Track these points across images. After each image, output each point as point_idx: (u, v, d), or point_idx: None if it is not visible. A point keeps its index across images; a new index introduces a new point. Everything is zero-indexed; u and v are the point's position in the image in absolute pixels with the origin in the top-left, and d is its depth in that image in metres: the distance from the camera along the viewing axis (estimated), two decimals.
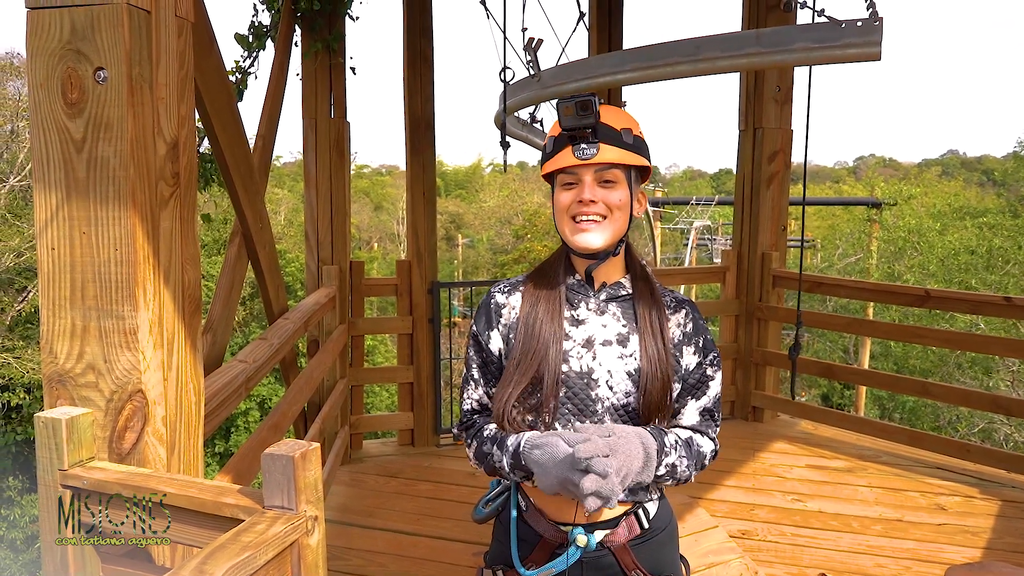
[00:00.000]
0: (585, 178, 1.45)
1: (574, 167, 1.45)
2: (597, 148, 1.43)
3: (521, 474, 1.45)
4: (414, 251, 4.73)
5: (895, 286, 7.99)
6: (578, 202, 1.45)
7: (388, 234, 40.96)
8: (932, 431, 11.03)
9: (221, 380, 2.31)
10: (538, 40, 3.86)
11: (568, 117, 1.43)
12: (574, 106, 1.42)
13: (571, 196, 1.47)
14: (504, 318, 1.56)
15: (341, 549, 3.46)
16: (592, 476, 1.26)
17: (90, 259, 1.56)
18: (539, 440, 1.38)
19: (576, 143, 1.45)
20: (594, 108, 1.42)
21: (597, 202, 1.45)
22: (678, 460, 1.45)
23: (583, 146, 1.44)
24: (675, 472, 1.45)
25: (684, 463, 1.46)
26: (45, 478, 1.53)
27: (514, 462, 1.44)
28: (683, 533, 3.47)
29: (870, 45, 2.67)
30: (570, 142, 1.45)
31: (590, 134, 1.44)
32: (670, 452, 1.43)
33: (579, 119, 1.42)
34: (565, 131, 1.45)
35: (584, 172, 1.45)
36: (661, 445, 1.41)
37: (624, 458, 1.31)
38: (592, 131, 1.44)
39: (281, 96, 3.86)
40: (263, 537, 1.25)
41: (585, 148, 1.44)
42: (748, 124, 5.11)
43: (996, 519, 3.74)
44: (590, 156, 1.43)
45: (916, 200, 22.68)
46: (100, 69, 1.51)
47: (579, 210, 1.46)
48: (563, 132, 1.46)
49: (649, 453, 1.36)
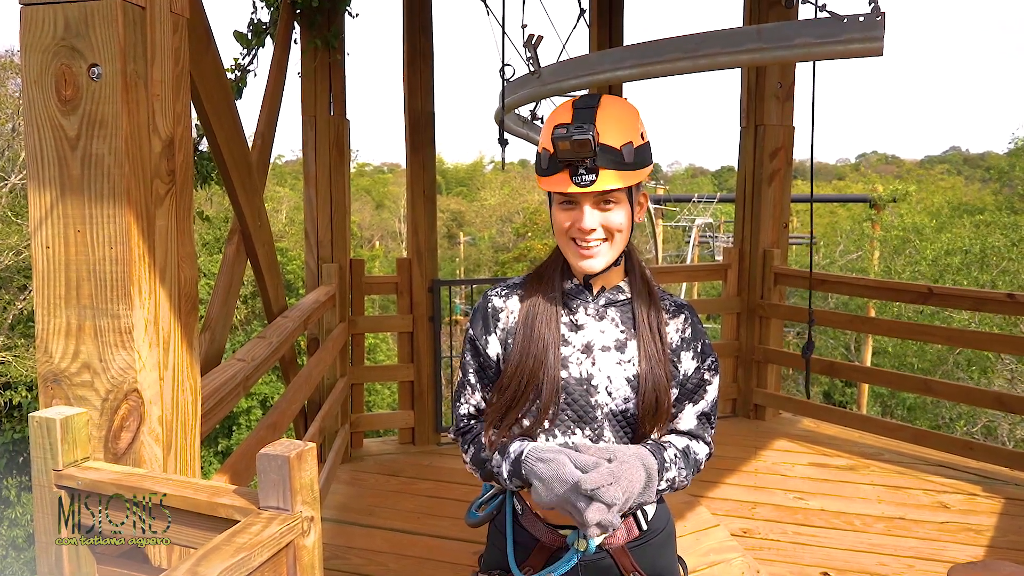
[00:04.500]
0: (584, 204, 1.40)
1: (573, 194, 1.40)
2: (596, 174, 1.36)
3: (518, 482, 1.42)
4: (414, 249, 4.72)
5: (898, 283, 7.98)
6: (578, 228, 1.41)
7: (390, 232, 40.97)
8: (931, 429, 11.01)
9: (219, 379, 2.30)
10: (538, 37, 3.84)
11: (565, 152, 1.35)
12: (571, 143, 1.33)
13: (570, 219, 1.42)
14: (502, 322, 1.53)
15: (341, 548, 3.45)
16: (597, 506, 1.25)
17: (85, 258, 1.55)
18: (544, 455, 1.35)
19: (574, 168, 1.37)
20: (592, 146, 1.33)
21: (597, 228, 1.41)
22: (677, 472, 1.44)
23: (582, 172, 1.36)
24: (673, 484, 1.44)
25: (683, 474, 1.45)
26: (40, 478, 1.52)
27: (513, 470, 1.41)
28: (684, 532, 3.48)
29: (872, 40, 2.64)
30: (567, 167, 1.37)
31: (589, 160, 1.36)
32: (670, 467, 1.42)
33: (577, 154, 1.35)
34: (561, 161, 1.37)
35: (584, 198, 1.40)
36: (662, 462, 1.39)
37: (627, 484, 1.29)
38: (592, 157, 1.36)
39: (280, 94, 3.84)
40: (258, 538, 1.24)
41: (584, 175, 1.36)
42: (750, 121, 5.08)
43: (999, 517, 3.72)
44: (590, 183, 1.36)
45: (914, 197, 22.65)
46: (94, 66, 1.50)
47: (579, 236, 1.41)
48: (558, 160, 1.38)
49: (651, 475, 1.34)
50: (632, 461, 1.32)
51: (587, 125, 1.34)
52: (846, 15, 2.67)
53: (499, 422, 1.46)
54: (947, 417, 15.66)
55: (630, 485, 1.29)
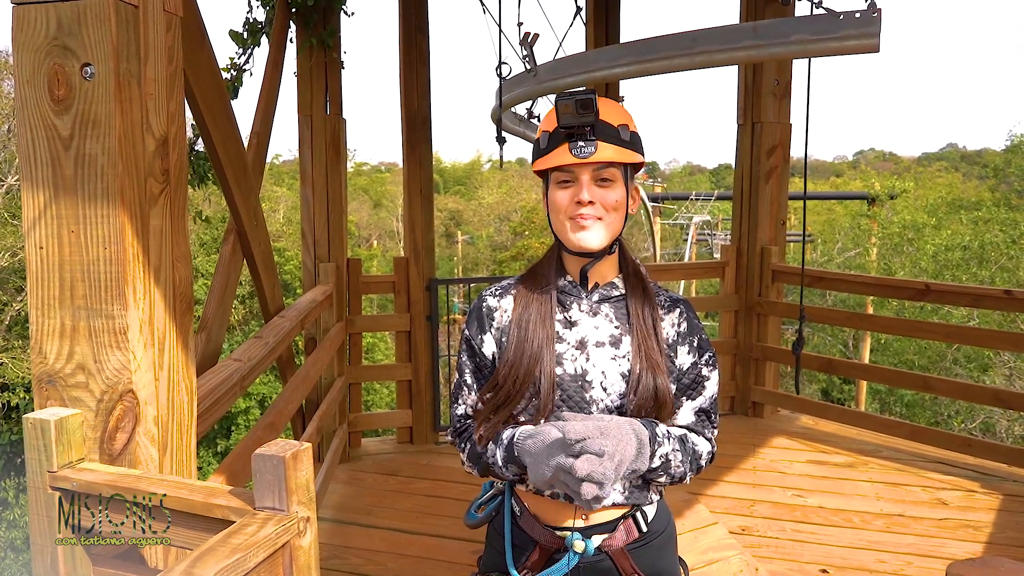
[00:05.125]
0: (582, 177, 1.42)
1: (571, 166, 1.42)
2: (595, 146, 1.39)
3: (515, 469, 1.43)
4: (411, 248, 4.71)
5: (895, 280, 7.98)
6: (575, 203, 1.42)
7: (388, 231, 40.91)
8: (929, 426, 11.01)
9: (215, 379, 2.29)
10: (534, 35, 3.84)
11: (567, 115, 1.39)
12: (573, 104, 1.37)
13: (568, 196, 1.44)
14: (496, 321, 1.53)
15: (340, 548, 3.45)
16: (586, 457, 1.24)
17: (79, 258, 1.54)
18: (531, 430, 1.37)
19: (573, 140, 1.40)
20: (594, 107, 1.38)
21: (595, 202, 1.42)
22: (672, 453, 1.42)
23: (581, 144, 1.39)
24: (669, 466, 1.42)
25: (678, 457, 1.43)
26: (34, 480, 1.51)
27: (507, 455, 1.42)
28: (683, 530, 3.47)
29: (868, 37, 2.64)
30: (567, 139, 1.41)
31: (588, 131, 1.39)
32: (663, 442, 1.40)
33: (579, 117, 1.38)
34: (562, 129, 1.41)
35: (581, 171, 1.41)
36: (652, 434, 1.39)
37: (616, 442, 1.28)
38: (590, 128, 1.40)
39: (276, 93, 3.83)
40: (253, 539, 1.23)
41: (583, 146, 1.39)
42: (746, 119, 5.08)
43: (997, 513, 3.72)
44: (588, 155, 1.39)
45: (911, 194, 22.65)
46: (87, 65, 1.49)
47: (576, 211, 1.42)
48: (559, 128, 1.42)
49: (641, 440, 1.34)
50: (620, 423, 1.33)
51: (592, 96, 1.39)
52: (842, 12, 2.67)
53: (491, 417, 1.46)
54: (945, 414, 15.68)
55: (621, 445, 1.28)
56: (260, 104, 3.73)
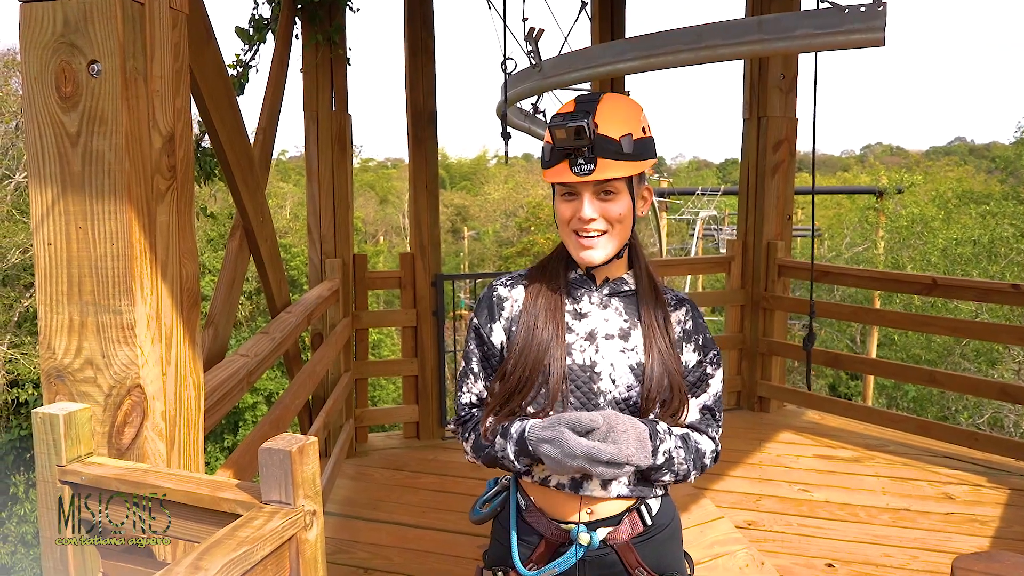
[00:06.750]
0: (584, 193, 1.42)
1: (572, 183, 1.42)
2: (595, 164, 1.38)
3: (527, 461, 1.44)
4: (417, 244, 4.72)
5: (902, 274, 7.96)
6: (578, 218, 1.43)
7: (394, 227, 40.96)
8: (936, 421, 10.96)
9: (222, 374, 2.30)
10: (539, 30, 3.83)
11: (562, 140, 1.38)
12: (566, 130, 1.37)
13: (571, 210, 1.44)
14: (506, 311, 1.54)
15: (346, 542, 3.47)
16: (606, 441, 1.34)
17: (87, 254, 1.55)
18: (544, 433, 1.37)
19: (573, 158, 1.40)
20: (588, 132, 1.36)
21: (597, 218, 1.42)
22: (675, 451, 1.44)
23: (580, 162, 1.39)
24: (672, 463, 1.44)
25: (681, 455, 1.45)
26: (43, 474, 1.52)
27: (519, 449, 1.43)
28: (689, 524, 3.48)
29: (874, 31, 2.62)
30: (566, 156, 1.40)
31: (587, 150, 1.38)
32: (664, 438, 1.42)
33: (574, 142, 1.37)
34: (560, 151, 1.40)
35: (583, 187, 1.42)
36: (653, 430, 1.41)
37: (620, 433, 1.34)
38: (589, 147, 1.38)
39: (282, 89, 3.84)
40: (260, 532, 1.24)
41: (583, 164, 1.39)
42: (752, 113, 5.07)
43: (1004, 508, 3.71)
44: (588, 172, 1.38)
45: (920, 188, 22.51)
46: (94, 62, 1.50)
47: (579, 226, 1.43)
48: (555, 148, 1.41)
49: (640, 433, 1.37)
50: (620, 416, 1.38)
51: (584, 115, 1.37)
52: (847, 5, 2.65)
53: (500, 409, 1.47)
54: (953, 408, 15.62)
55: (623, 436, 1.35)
56: (266, 100, 3.74)
